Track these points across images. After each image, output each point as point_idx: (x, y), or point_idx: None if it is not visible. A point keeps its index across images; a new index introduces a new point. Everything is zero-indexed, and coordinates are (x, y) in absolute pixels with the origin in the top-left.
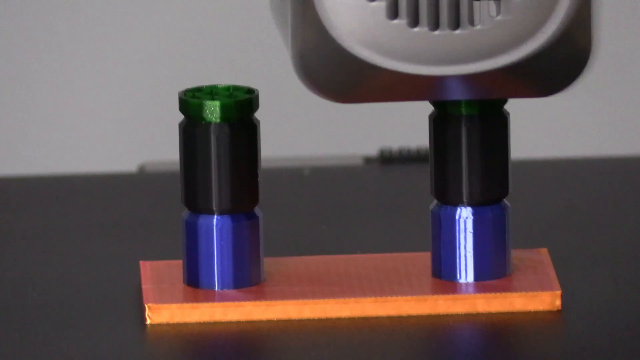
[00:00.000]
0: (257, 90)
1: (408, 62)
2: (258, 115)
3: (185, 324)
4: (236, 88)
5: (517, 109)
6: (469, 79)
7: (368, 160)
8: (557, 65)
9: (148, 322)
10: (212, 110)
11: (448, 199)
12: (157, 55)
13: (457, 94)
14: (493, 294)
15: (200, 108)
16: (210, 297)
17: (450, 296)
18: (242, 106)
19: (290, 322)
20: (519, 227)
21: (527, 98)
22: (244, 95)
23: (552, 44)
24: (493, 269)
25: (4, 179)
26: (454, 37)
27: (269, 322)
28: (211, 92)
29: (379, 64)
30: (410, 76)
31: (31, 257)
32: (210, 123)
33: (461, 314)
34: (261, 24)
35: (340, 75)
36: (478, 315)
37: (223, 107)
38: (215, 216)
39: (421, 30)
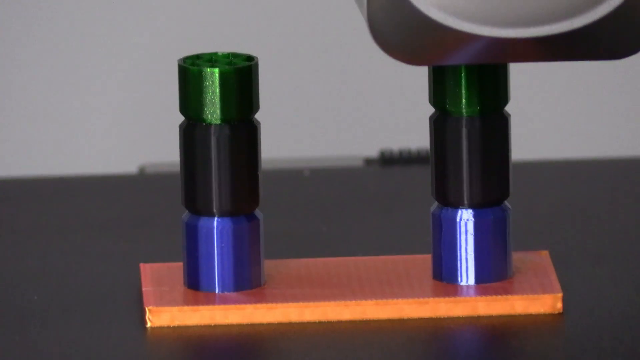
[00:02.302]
0: (256, 57)
1: (482, 24)
2: (258, 116)
3: (185, 327)
4: (236, 55)
5: (518, 110)
6: (542, 42)
7: (368, 162)
8: (627, 30)
9: (148, 324)
10: (212, 79)
11: (449, 200)
12: (157, 56)
13: (530, 56)
14: (494, 297)
15: (199, 77)
16: (210, 300)
17: (451, 299)
18: (241, 74)
19: (291, 324)
20: (520, 228)
21: (597, 60)
22: (244, 63)
23: (625, 8)
24: (494, 272)
25: (4, 180)
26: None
27: (270, 324)
28: (211, 59)
29: (453, 26)
30: (484, 38)
31: (31, 258)
32: (210, 124)
33: (462, 317)
34: (263, 27)
35: (413, 38)
36: (479, 318)
37: (222, 75)
38: (216, 218)
39: None
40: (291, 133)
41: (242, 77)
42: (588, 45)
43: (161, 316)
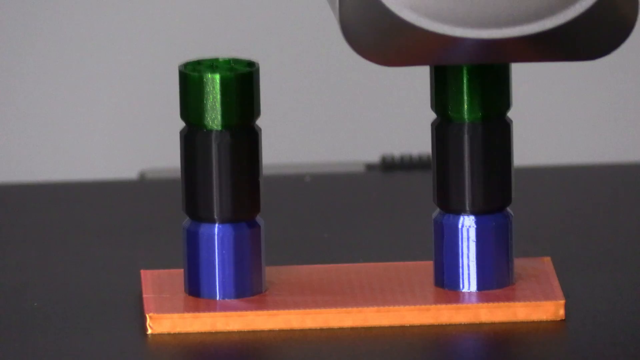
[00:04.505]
0: (257, 63)
1: (455, 25)
2: (259, 122)
3: (186, 334)
4: (237, 61)
5: (520, 116)
6: (515, 43)
7: (370, 167)
8: (602, 29)
9: (149, 331)
10: (213, 85)
11: (451, 207)
12: (158, 61)
13: (504, 57)
14: (496, 304)
15: (200, 83)
16: (211, 307)
17: (453, 306)
18: (242, 80)
19: (292, 331)
20: (522, 234)
21: (571, 61)
22: (245, 69)
23: (598, 8)
24: (496, 278)
25: (5, 186)
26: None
27: (271, 331)
28: (212, 65)
29: (425, 27)
30: (457, 39)
31: (31, 264)
32: (211, 130)
33: (464, 324)
34: (265, 32)
35: (386, 39)
36: (481, 325)
37: (223, 81)
38: (217, 225)
39: None
40: (292, 139)
41: (243, 83)
42: (562, 46)
43: (162, 323)
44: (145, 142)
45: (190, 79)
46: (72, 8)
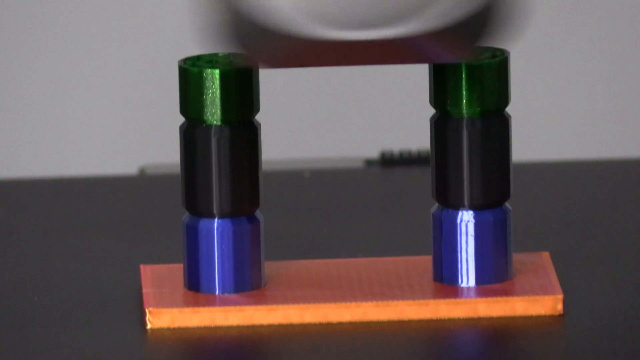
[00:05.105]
0: None
1: (315, 26)
2: (259, 117)
3: (186, 329)
4: (236, 56)
5: (518, 111)
6: (375, 45)
7: (369, 163)
8: (469, 30)
9: (149, 326)
10: (213, 80)
11: (449, 202)
12: (158, 57)
13: (365, 59)
14: (494, 298)
15: (200, 78)
16: (211, 302)
17: (452, 300)
18: (242, 75)
19: (291, 326)
20: (520, 229)
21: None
22: (244, 63)
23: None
24: (494, 273)
25: (5, 181)
26: (361, 1)
27: (270, 326)
28: (211, 60)
29: (286, 30)
30: (314, 41)
31: (31, 259)
32: (211, 125)
33: (462, 319)
34: None
35: (250, 42)
36: (479, 319)
37: (223, 76)
38: (216, 219)
39: None
40: (292, 134)
41: (242, 78)
42: (421, 47)
43: (161, 318)
44: (144, 138)
45: (190, 74)
46: (73, 3)
